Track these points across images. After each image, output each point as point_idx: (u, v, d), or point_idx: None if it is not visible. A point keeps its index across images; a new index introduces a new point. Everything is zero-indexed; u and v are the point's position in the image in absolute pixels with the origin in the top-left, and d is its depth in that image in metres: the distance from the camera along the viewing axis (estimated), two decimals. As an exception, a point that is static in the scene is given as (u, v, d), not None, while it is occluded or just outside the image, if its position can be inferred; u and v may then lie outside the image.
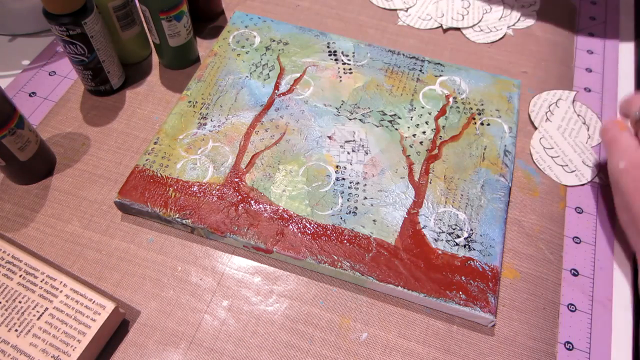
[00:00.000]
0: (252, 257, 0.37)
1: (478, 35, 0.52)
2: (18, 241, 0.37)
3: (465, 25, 0.52)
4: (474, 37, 0.52)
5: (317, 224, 0.37)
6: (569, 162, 0.43)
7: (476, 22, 0.53)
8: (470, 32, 0.52)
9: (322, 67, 0.46)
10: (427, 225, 0.37)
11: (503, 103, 0.45)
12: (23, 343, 0.30)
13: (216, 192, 0.38)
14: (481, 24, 0.53)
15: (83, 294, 0.32)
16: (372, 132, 0.42)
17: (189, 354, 0.33)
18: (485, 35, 0.52)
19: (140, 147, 0.43)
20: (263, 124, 0.42)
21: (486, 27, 0.53)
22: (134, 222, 0.38)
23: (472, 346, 0.34)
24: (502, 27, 0.53)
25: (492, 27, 0.53)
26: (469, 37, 0.52)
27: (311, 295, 0.36)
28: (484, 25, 0.53)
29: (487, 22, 0.53)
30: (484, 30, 0.53)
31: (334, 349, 0.34)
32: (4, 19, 0.49)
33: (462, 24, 0.52)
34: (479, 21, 0.53)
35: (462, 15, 0.53)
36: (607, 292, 0.37)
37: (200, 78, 0.45)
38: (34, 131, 0.38)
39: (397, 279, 0.35)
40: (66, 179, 0.41)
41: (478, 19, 0.53)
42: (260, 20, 0.49)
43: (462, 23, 0.53)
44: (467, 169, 0.40)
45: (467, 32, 0.52)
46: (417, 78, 0.46)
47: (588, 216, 0.40)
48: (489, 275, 0.35)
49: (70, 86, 0.46)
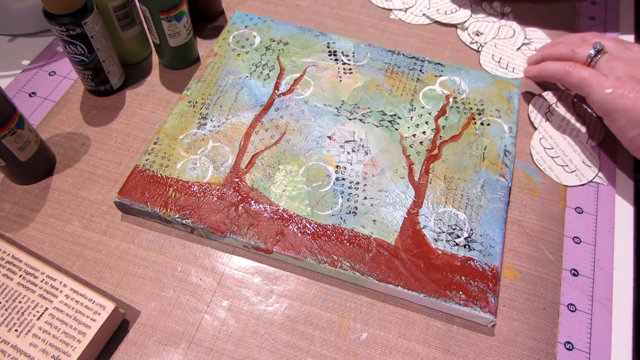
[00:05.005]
0: (252, 257, 0.37)
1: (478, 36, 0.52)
2: (18, 241, 0.37)
3: (457, 22, 0.53)
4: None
5: (317, 224, 0.37)
6: (569, 162, 0.43)
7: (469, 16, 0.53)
8: (465, 38, 0.52)
9: (322, 67, 0.46)
10: (427, 225, 0.37)
11: (503, 103, 0.45)
12: (23, 343, 0.30)
13: (216, 192, 0.38)
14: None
15: (83, 294, 0.32)
16: (372, 132, 0.42)
17: (189, 354, 0.33)
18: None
19: (140, 147, 0.43)
20: (263, 124, 0.42)
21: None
22: (134, 222, 0.38)
23: (472, 346, 0.34)
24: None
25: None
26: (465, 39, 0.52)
27: (311, 295, 0.36)
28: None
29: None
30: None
31: (334, 349, 0.34)
32: (4, 19, 0.49)
33: (454, 19, 0.53)
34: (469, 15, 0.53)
35: (455, 10, 0.54)
36: (607, 292, 0.37)
37: (200, 78, 0.45)
38: (34, 131, 0.38)
39: (397, 279, 0.35)
40: (66, 179, 0.41)
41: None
42: (260, 20, 0.49)
43: (454, 18, 0.53)
44: (467, 169, 0.40)
45: (463, 38, 0.52)
46: (417, 78, 0.46)
47: (588, 216, 0.40)
48: (489, 275, 0.35)
49: (70, 86, 0.46)
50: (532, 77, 0.46)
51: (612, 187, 0.42)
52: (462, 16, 0.53)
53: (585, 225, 0.40)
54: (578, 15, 0.55)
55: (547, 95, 0.47)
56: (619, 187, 0.42)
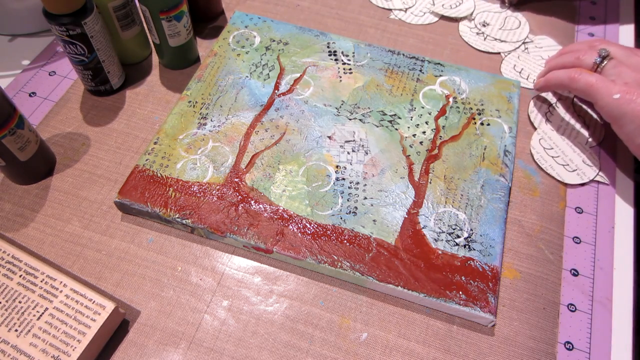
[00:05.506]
0: (252, 257, 0.37)
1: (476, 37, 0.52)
2: (18, 241, 0.37)
3: (463, 14, 0.53)
4: (472, 39, 0.52)
5: (317, 224, 0.37)
6: (570, 162, 0.43)
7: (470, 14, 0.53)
8: (468, 34, 0.52)
9: (322, 67, 0.46)
10: (427, 225, 0.37)
11: (503, 103, 0.45)
12: (23, 343, 0.30)
13: (216, 192, 0.38)
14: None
15: (83, 294, 0.32)
16: (372, 132, 0.42)
17: (189, 354, 0.33)
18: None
19: (140, 147, 0.43)
20: (263, 124, 0.42)
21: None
22: (134, 222, 0.38)
23: (472, 346, 0.34)
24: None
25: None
26: (466, 39, 0.52)
27: (311, 295, 0.36)
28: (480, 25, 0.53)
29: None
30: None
31: (334, 349, 0.34)
32: (4, 19, 0.49)
33: (460, 13, 0.53)
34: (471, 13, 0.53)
35: (456, 4, 0.54)
36: (607, 292, 0.37)
37: (200, 78, 0.45)
38: (34, 131, 0.38)
39: (397, 279, 0.35)
40: (66, 179, 0.41)
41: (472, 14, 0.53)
42: (260, 20, 0.49)
43: (459, 11, 0.53)
44: (467, 169, 0.40)
45: (464, 34, 0.52)
46: (417, 78, 0.46)
47: (588, 216, 0.40)
48: (489, 275, 0.35)
49: (70, 86, 0.46)
50: (541, 89, 0.45)
51: (612, 187, 0.42)
52: (467, 8, 0.54)
53: (585, 225, 0.40)
54: (578, 15, 0.55)
55: (547, 95, 0.47)
56: (619, 187, 0.42)
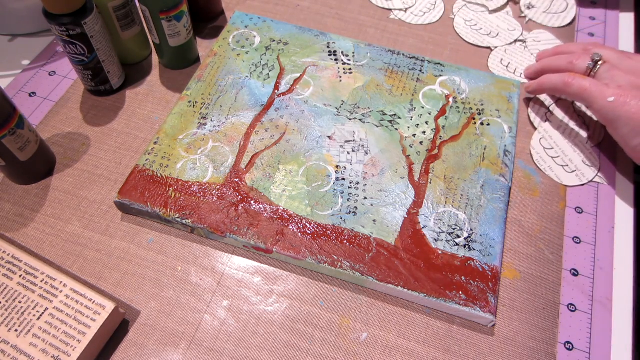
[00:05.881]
0: (252, 257, 0.37)
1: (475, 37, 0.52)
2: (18, 241, 0.37)
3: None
4: (472, 39, 0.52)
5: (317, 224, 0.37)
6: (569, 162, 0.43)
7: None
8: (468, 34, 0.52)
9: (322, 67, 0.46)
10: (427, 225, 0.37)
11: (503, 103, 0.45)
12: (23, 343, 0.30)
13: (216, 192, 0.38)
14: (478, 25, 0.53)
15: (83, 294, 0.32)
16: (372, 132, 0.42)
17: (189, 354, 0.33)
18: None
19: (140, 147, 0.43)
20: (263, 124, 0.42)
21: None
22: (134, 222, 0.38)
23: (472, 346, 0.34)
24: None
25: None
26: (466, 39, 0.52)
27: (311, 295, 0.36)
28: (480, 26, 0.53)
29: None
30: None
31: (334, 349, 0.34)
32: (4, 19, 0.49)
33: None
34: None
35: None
36: (607, 292, 0.37)
37: (200, 78, 0.45)
38: (34, 131, 0.38)
39: (397, 279, 0.35)
40: (66, 179, 0.41)
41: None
42: (260, 20, 0.49)
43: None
44: (467, 169, 0.40)
45: (464, 35, 0.52)
46: (417, 78, 0.46)
47: (588, 216, 0.40)
48: (489, 275, 0.35)
49: (70, 86, 0.46)
50: (533, 92, 0.45)
51: (612, 187, 0.42)
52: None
53: (585, 225, 0.40)
54: (578, 15, 0.55)
55: (547, 96, 0.47)
56: (619, 187, 0.42)
